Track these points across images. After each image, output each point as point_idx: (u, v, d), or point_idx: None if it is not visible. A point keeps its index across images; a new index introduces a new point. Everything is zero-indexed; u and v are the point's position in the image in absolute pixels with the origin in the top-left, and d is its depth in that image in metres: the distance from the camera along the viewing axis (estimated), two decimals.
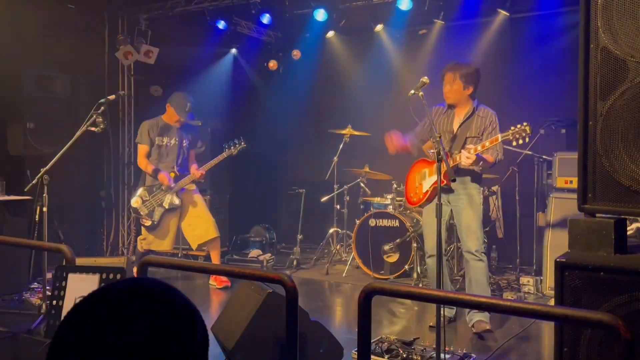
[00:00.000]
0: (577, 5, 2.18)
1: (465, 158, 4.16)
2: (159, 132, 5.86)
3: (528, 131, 3.99)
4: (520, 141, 4.05)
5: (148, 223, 5.79)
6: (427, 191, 4.49)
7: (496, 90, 6.14)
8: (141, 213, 5.80)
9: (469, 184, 4.47)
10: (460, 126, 4.50)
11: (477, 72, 4.52)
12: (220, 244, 6.15)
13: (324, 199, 6.92)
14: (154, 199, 5.78)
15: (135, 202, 5.82)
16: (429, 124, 4.06)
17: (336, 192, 6.92)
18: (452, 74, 4.47)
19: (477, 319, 4.40)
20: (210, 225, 5.88)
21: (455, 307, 4.66)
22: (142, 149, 5.86)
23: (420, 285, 5.79)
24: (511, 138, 4.05)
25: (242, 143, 6.12)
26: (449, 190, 4.44)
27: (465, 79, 4.44)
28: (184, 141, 5.95)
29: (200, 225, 5.86)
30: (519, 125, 4.02)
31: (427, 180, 4.55)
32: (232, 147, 6.03)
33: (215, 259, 5.96)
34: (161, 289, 0.98)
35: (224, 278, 5.91)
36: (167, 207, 5.77)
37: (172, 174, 5.80)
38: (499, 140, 4.12)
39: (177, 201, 5.77)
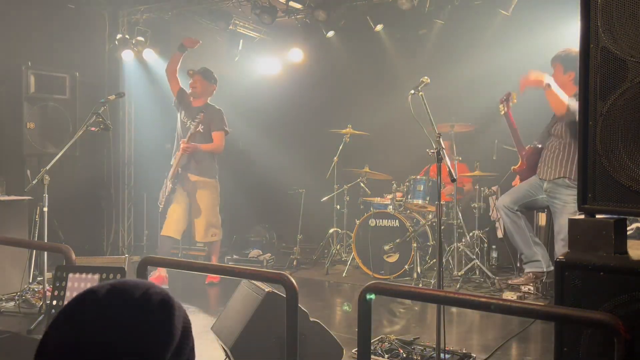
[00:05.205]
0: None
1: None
2: (184, 105, 5.86)
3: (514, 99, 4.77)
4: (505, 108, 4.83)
5: (160, 207, 5.96)
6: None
7: None
8: (160, 197, 5.98)
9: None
10: None
11: None
12: (221, 244, 6.14)
13: (324, 199, 6.92)
14: (165, 184, 5.89)
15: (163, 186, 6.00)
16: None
17: (336, 192, 6.92)
18: None
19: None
20: (202, 229, 5.86)
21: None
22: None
23: (420, 285, 5.80)
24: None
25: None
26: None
27: None
28: (200, 125, 5.72)
29: (196, 224, 5.89)
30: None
31: None
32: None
33: (213, 260, 5.94)
34: (137, 288, 1.01)
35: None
36: (167, 193, 5.83)
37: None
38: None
39: (170, 186, 5.79)
